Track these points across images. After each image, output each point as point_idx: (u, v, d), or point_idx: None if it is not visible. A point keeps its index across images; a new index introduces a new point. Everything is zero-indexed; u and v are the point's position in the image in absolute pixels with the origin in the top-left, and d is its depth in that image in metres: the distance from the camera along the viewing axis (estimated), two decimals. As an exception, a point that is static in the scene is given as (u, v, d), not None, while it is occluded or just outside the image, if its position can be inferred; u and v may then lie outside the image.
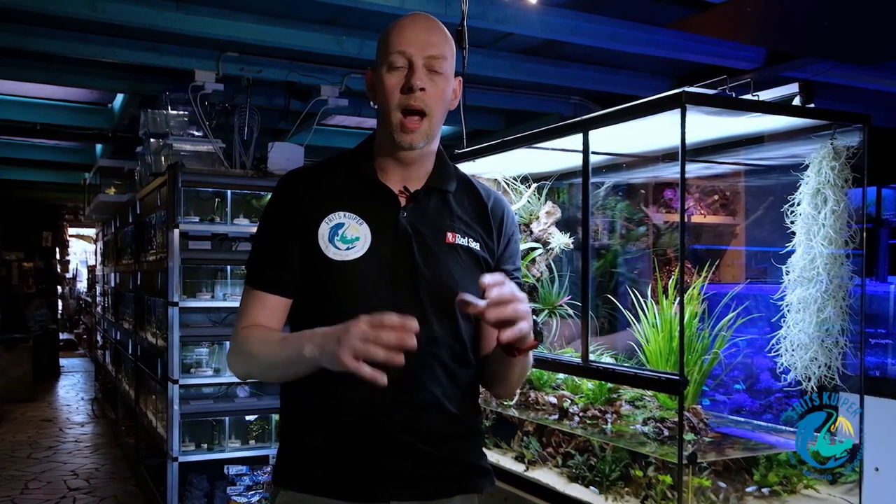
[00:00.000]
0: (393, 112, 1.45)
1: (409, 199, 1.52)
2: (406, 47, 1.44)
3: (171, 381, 4.41)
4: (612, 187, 3.14)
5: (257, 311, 1.51)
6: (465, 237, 1.54)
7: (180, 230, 4.44)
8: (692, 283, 2.51)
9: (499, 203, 1.62)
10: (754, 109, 2.32)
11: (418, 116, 1.45)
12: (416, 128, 1.45)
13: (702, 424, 2.41)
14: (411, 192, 1.52)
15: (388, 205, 1.51)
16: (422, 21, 1.49)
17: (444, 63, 1.47)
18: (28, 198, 12.40)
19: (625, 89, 5.43)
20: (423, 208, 1.52)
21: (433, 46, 1.46)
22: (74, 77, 5.44)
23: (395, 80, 1.45)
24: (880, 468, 3.09)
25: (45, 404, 9.21)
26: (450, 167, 1.59)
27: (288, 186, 1.55)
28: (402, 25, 1.48)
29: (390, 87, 1.45)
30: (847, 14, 3.58)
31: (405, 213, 1.50)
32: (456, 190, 1.58)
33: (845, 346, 2.40)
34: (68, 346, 14.29)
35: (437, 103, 1.47)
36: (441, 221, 1.53)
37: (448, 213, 1.54)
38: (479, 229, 1.57)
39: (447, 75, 1.49)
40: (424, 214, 1.52)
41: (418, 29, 1.47)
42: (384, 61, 1.47)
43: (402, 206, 1.51)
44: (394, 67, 1.45)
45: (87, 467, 6.29)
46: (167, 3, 4.18)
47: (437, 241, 1.50)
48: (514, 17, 4.19)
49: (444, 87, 1.48)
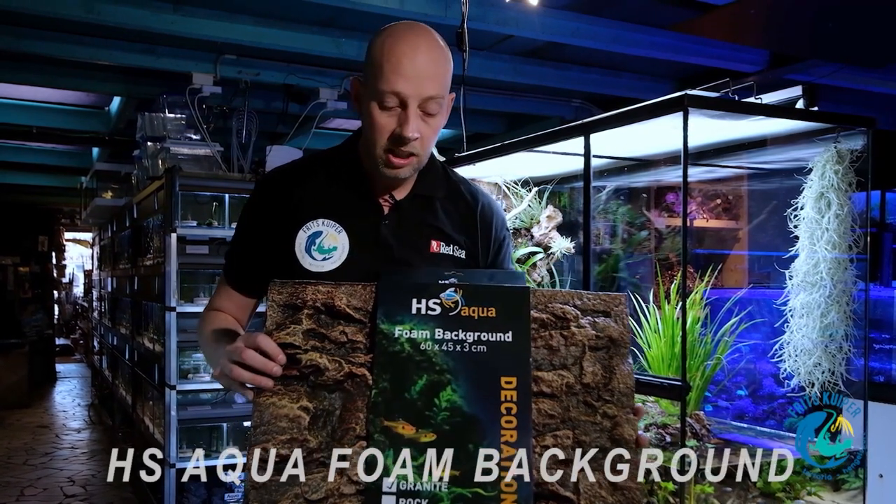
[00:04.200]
0: (378, 148, 1.36)
1: (392, 207, 1.46)
2: (402, 88, 1.31)
3: (169, 387, 4.38)
4: (613, 191, 3.13)
5: (223, 300, 1.55)
6: (451, 245, 1.48)
7: (177, 234, 4.41)
8: (695, 287, 2.50)
9: (487, 208, 1.55)
10: (757, 112, 2.31)
11: (407, 158, 1.37)
12: (403, 164, 1.37)
13: (704, 430, 2.39)
14: (395, 201, 1.46)
15: (369, 213, 1.45)
16: (421, 50, 1.33)
17: (442, 100, 1.36)
18: (24, 202, 12.37)
19: (627, 92, 5.41)
20: (407, 217, 1.47)
21: (432, 86, 1.33)
22: (70, 80, 5.42)
23: (385, 119, 1.34)
24: (884, 474, 3.07)
25: (41, 410, 9.17)
26: (437, 171, 1.53)
27: (266, 190, 1.49)
28: (398, 55, 1.31)
29: (380, 125, 1.34)
30: (852, 16, 3.57)
31: (387, 221, 1.45)
32: (444, 196, 1.51)
33: (849, 352, 2.39)
34: (64, 351, 14.25)
35: (429, 143, 1.39)
36: (425, 230, 1.47)
37: (433, 222, 1.48)
38: (465, 237, 1.51)
39: (443, 109, 1.39)
40: (408, 224, 1.46)
41: (417, 62, 1.31)
42: (375, 92, 1.33)
43: (384, 214, 1.45)
44: (385, 107, 1.33)
45: (83, 474, 6.25)
46: (163, 4, 4.16)
47: (419, 251, 1.45)
48: (515, 19, 4.17)
49: (439, 123, 1.39)
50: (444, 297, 1.21)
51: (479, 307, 1.21)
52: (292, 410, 1.17)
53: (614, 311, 1.25)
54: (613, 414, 1.21)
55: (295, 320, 1.21)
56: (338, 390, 1.19)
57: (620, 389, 1.22)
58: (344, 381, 1.19)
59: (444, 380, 1.16)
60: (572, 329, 1.23)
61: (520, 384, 1.17)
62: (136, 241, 5.83)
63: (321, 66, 5.15)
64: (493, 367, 1.17)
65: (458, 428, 1.14)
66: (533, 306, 1.23)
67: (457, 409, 1.15)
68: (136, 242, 5.87)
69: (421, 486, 1.11)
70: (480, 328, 1.20)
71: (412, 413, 1.15)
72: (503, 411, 1.15)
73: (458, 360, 1.18)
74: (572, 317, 1.24)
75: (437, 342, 1.18)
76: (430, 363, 1.17)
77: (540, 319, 1.23)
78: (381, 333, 1.19)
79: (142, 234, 5.61)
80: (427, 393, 1.16)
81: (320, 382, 1.19)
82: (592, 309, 1.25)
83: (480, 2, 3.96)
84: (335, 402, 1.18)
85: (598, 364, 1.23)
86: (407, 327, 1.19)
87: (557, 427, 1.19)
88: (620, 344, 1.24)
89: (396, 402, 1.15)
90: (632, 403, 1.22)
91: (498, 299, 1.22)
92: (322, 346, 1.20)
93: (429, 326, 1.19)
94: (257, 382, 1.19)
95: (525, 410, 1.16)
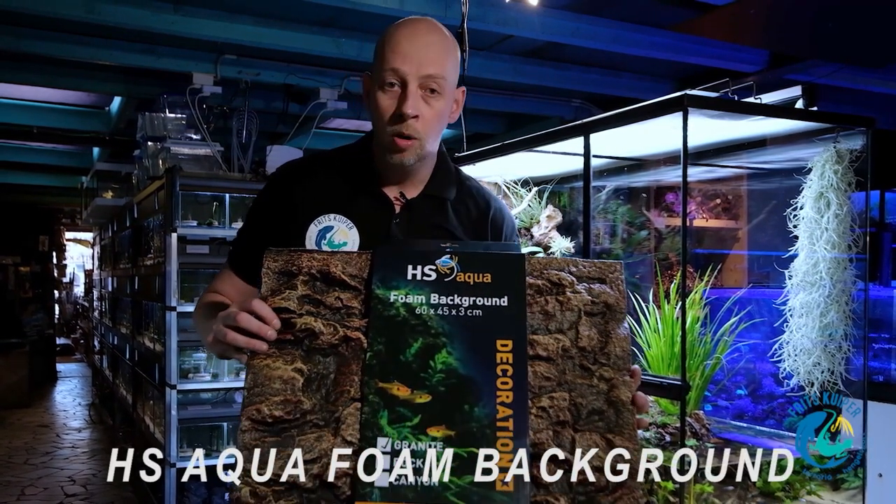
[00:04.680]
0: (383, 133, 1.39)
1: (403, 206, 1.47)
2: (400, 65, 1.34)
3: (169, 387, 4.38)
4: (613, 191, 3.13)
5: (224, 284, 1.54)
6: None
7: (178, 234, 4.41)
8: (694, 287, 2.50)
9: (499, 212, 1.57)
10: (757, 112, 2.31)
11: (409, 140, 1.39)
12: (406, 146, 1.38)
13: (704, 430, 2.40)
14: (407, 200, 1.47)
15: (381, 211, 1.46)
16: (421, 32, 1.38)
17: (443, 81, 1.37)
18: (24, 202, 12.38)
19: (626, 92, 5.41)
20: (417, 217, 1.47)
21: (431, 64, 1.36)
22: (71, 80, 5.42)
23: (387, 101, 1.37)
24: (884, 474, 3.07)
25: (41, 410, 9.17)
26: (450, 172, 1.54)
27: (283, 181, 1.51)
28: (398, 37, 1.37)
29: (383, 108, 1.37)
30: (852, 16, 3.57)
31: (398, 220, 1.45)
32: (455, 197, 1.52)
33: (848, 351, 2.39)
34: (65, 350, 14.24)
35: (431, 127, 1.40)
36: (433, 232, 1.47)
37: (443, 224, 1.49)
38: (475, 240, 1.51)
39: (446, 93, 1.39)
40: (417, 224, 1.47)
41: (416, 43, 1.36)
42: (378, 76, 1.38)
43: (395, 213, 1.46)
44: (387, 87, 1.37)
45: (84, 473, 6.25)
46: (164, 4, 4.16)
47: None
48: (515, 19, 4.17)
49: (442, 108, 1.40)
50: (439, 264, 1.22)
51: (475, 273, 1.21)
52: (286, 372, 1.17)
53: (609, 277, 1.26)
54: (610, 377, 1.20)
55: (290, 286, 1.22)
56: (332, 354, 1.18)
57: (617, 353, 1.21)
58: (339, 344, 1.18)
59: (439, 343, 1.16)
60: (568, 294, 1.23)
61: (515, 347, 1.16)
62: (137, 241, 5.83)
63: (321, 66, 5.15)
64: (489, 330, 1.17)
65: (454, 389, 1.13)
66: (528, 273, 1.23)
67: (452, 370, 1.14)
68: (136, 242, 5.87)
69: (416, 446, 1.10)
70: (476, 293, 1.20)
71: (407, 375, 1.14)
72: (499, 373, 1.14)
73: (454, 323, 1.17)
74: (568, 283, 1.24)
75: (433, 306, 1.18)
76: (425, 327, 1.17)
77: (536, 286, 1.23)
78: (376, 298, 1.19)
79: (142, 233, 5.61)
80: (422, 355, 1.15)
81: (315, 346, 1.18)
82: (588, 276, 1.26)
83: (480, 2, 3.96)
84: (330, 366, 1.18)
85: (595, 329, 1.22)
86: (402, 292, 1.19)
87: (553, 389, 1.18)
88: (616, 309, 1.24)
89: (391, 364, 1.15)
90: (628, 366, 1.21)
91: (493, 265, 1.22)
92: (317, 311, 1.20)
93: (424, 291, 1.19)
94: (251, 346, 1.18)
95: (521, 372, 1.15)
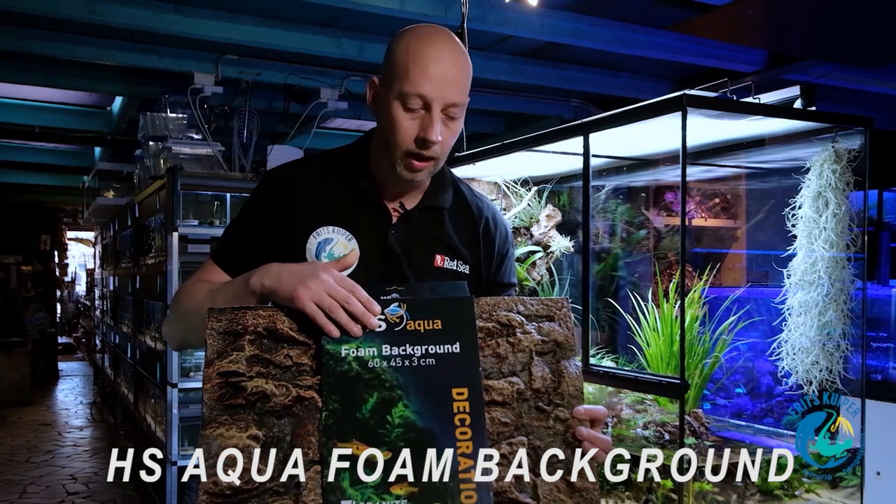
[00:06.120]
0: (398, 150, 1.36)
1: (401, 217, 1.45)
2: (428, 92, 1.31)
3: (170, 385, 4.39)
4: (612, 190, 3.14)
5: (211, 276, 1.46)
6: (455, 260, 1.47)
7: (179, 233, 4.43)
8: (693, 286, 2.51)
9: (491, 221, 1.55)
10: (755, 112, 2.31)
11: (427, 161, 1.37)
12: (423, 167, 1.37)
13: (703, 428, 2.41)
14: (405, 210, 1.45)
15: (378, 221, 1.43)
16: (446, 55, 1.34)
17: (463, 107, 1.37)
18: (26, 201, 12.38)
19: (626, 92, 5.42)
20: (415, 228, 1.45)
21: (457, 92, 1.34)
22: (72, 80, 5.42)
23: (409, 121, 1.34)
24: (882, 472, 3.08)
25: (43, 408, 9.18)
26: (447, 180, 1.52)
27: (278, 187, 1.46)
28: (424, 58, 1.32)
29: (403, 128, 1.34)
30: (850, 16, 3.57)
31: (394, 231, 1.43)
32: (451, 206, 1.50)
33: (847, 350, 2.39)
34: (67, 349, 14.26)
35: (447, 148, 1.38)
36: (431, 243, 1.46)
37: (440, 234, 1.47)
38: (470, 251, 1.50)
39: (463, 114, 1.38)
40: (415, 235, 1.45)
41: (443, 68, 1.32)
42: (398, 91, 1.33)
43: (392, 223, 1.44)
44: (409, 108, 1.33)
45: (85, 471, 6.27)
46: (165, 4, 4.16)
47: (424, 265, 1.44)
48: (515, 20, 4.18)
49: (458, 129, 1.39)
50: (388, 313, 1.20)
51: (425, 320, 1.20)
52: (241, 440, 1.12)
53: (557, 314, 1.26)
54: (565, 417, 1.21)
55: (237, 347, 1.17)
56: (287, 415, 1.14)
57: (570, 392, 1.22)
58: (292, 405, 1.15)
59: (395, 396, 1.14)
60: (518, 336, 1.23)
61: (471, 394, 1.15)
62: (138, 240, 5.84)
63: (322, 66, 5.15)
64: (444, 379, 1.16)
65: (414, 443, 1.11)
66: (478, 315, 1.23)
67: (410, 424, 1.12)
68: (137, 241, 5.88)
69: None
70: (428, 341, 1.18)
71: (365, 432, 1.12)
72: (457, 423, 1.13)
73: (408, 375, 1.15)
74: (517, 323, 1.24)
75: (385, 358, 1.16)
76: (379, 380, 1.15)
77: (486, 328, 1.23)
78: (327, 354, 1.16)
79: (143, 233, 5.62)
80: (379, 411, 1.13)
81: (268, 409, 1.14)
82: (536, 314, 1.26)
83: (480, 2, 3.97)
84: (285, 428, 1.14)
85: (546, 368, 1.23)
86: (353, 346, 1.17)
87: (512, 434, 1.18)
88: (566, 347, 1.25)
89: (348, 423, 1.12)
90: (581, 406, 1.22)
91: (443, 311, 1.21)
92: (267, 371, 1.17)
93: (375, 343, 1.17)
94: (350, 328, 1.16)
95: (479, 420, 1.15)
